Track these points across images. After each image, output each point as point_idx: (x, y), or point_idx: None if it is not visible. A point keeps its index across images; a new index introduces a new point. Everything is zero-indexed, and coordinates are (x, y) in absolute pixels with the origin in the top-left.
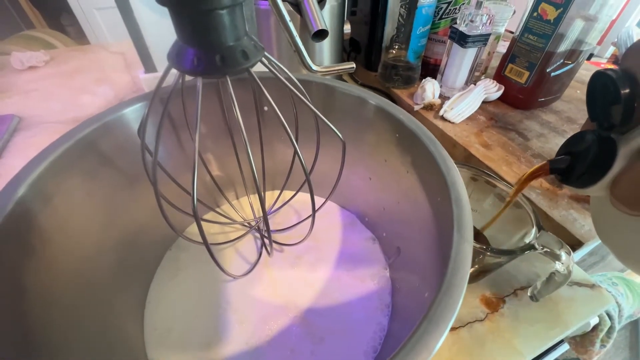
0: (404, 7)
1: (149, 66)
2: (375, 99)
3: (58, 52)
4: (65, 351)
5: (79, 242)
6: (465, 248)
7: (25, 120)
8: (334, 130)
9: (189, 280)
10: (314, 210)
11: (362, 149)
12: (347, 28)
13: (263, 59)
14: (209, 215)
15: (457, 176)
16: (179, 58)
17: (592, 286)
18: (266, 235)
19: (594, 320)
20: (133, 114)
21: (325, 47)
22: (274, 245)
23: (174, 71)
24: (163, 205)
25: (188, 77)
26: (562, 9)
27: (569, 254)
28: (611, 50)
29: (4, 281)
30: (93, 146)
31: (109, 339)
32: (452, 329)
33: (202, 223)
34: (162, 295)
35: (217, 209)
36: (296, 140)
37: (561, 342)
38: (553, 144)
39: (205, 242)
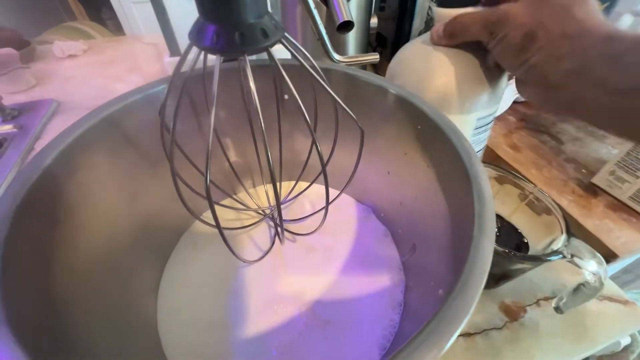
0: (434, 0)
1: (174, 50)
2: (396, 89)
3: (95, 43)
4: (85, 325)
5: (101, 217)
6: (485, 245)
7: (64, 105)
8: (352, 117)
9: (202, 264)
10: (328, 202)
11: (381, 142)
12: (374, 22)
13: (283, 40)
14: (226, 202)
15: (481, 170)
16: (199, 36)
17: (626, 302)
18: (279, 223)
19: (625, 340)
20: (156, 96)
21: (351, 40)
22: (287, 235)
23: (195, 56)
24: (180, 187)
25: (210, 63)
26: (609, 2)
27: (601, 264)
28: None
29: (31, 250)
30: (117, 125)
31: (125, 316)
32: (467, 334)
33: (218, 208)
34: (175, 277)
35: (234, 196)
36: (315, 129)
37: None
38: (590, 149)
39: (216, 223)
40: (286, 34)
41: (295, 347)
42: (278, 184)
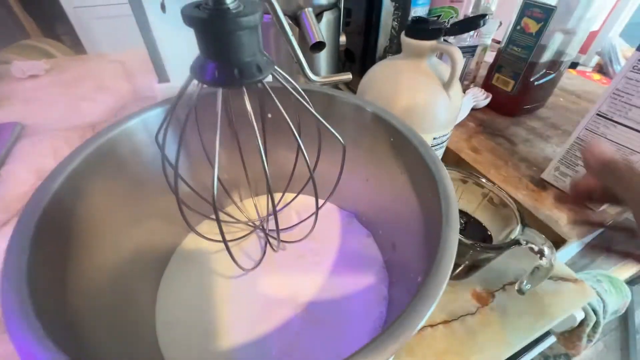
0: (396, 20)
1: (162, 76)
2: (371, 107)
3: (58, 61)
4: (96, 339)
5: (104, 240)
6: (451, 235)
7: (28, 128)
8: (334, 134)
9: (195, 277)
10: (317, 207)
11: (360, 153)
12: (343, 40)
13: (274, 73)
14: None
15: (445, 174)
16: (201, 71)
17: (575, 281)
18: (271, 235)
19: (580, 316)
20: (149, 121)
21: (323, 58)
22: (275, 243)
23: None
24: (178, 207)
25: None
26: (542, 22)
27: (551, 248)
28: (596, 59)
29: (50, 270)
30: (115, 149)
31: (129, 333)
32: (446, 322)
33: (208, 223)
34: (170, 292)
35: (223, 210)
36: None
37: (548, 334)
38: (538, 148)
39: (222, 237)
40: (276, 67)
41: (294, 346)
42: (267, 196)
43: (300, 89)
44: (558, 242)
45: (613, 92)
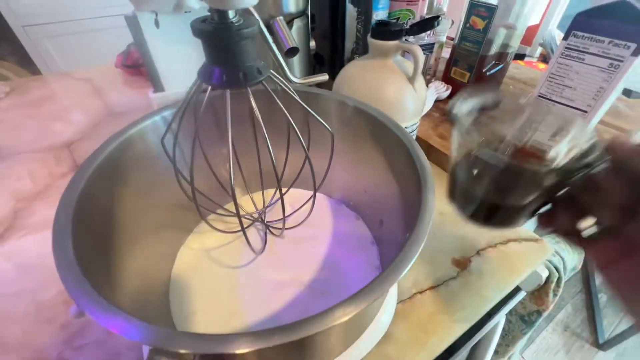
0: (360, 23)
1: (157, 86)
2: (352, 101)
3: (17, 83)
4: None
5: (123, 233)
6: (429, 196)
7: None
8: (323, 124)
9: (203, 272)
10: (315, 188)
11: (344, 144)
12: (313, 44)
13: (270, 74)
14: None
15: (419, 148)
16: (209, 76)
17: (537, 240)
18: (270, 225)
19: (545, 274)
20: (152, 126)
21: (296, 62)
22: (274, 231)
23: (179, 90)
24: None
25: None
26: (487, 20)
27: None
28: (540, 50)
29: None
30: (124, 153)
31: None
32: (432, 287)
33: (213, 217)
34: (181, 284)
35: (224, 207)
36: (288, 138)
37: (518, 289)
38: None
39: (241, 225)
40: (271, 70)
41: (305, 315)
42: (261, 192)
43: (290, 87)
44: None
45: (549, 75)
